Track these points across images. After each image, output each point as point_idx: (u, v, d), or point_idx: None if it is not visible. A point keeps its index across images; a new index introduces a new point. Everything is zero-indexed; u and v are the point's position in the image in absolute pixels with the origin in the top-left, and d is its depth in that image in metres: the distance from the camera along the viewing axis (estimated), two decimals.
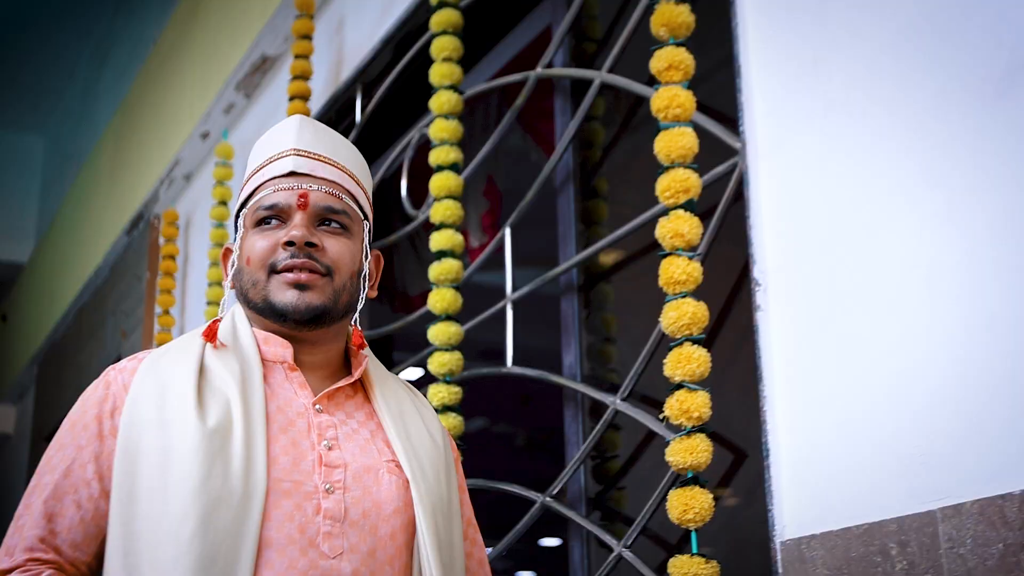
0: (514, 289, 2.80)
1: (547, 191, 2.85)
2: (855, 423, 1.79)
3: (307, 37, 3.79)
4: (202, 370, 1.50)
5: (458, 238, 2.71)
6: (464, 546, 1.61)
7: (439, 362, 2.62)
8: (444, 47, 2.85)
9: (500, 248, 2.89)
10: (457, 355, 2.63)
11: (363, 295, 1.59)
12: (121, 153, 6.38)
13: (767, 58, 2.10)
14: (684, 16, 2.17)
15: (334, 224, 1.57)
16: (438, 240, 2.71)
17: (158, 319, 4.90)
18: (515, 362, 2.73)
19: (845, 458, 1.80)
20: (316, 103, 3.84)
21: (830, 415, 1.84)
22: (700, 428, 1.97)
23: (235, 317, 1.58)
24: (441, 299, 2.66)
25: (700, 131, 2.17)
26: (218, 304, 4.25)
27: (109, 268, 6.22)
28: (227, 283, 1.60)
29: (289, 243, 1.53)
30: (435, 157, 2.76)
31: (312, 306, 1.52)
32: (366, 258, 1.61)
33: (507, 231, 2.87)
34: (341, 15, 3.91)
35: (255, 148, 1.65)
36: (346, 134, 3.80)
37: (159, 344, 4.77)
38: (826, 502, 1.82)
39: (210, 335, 1.54)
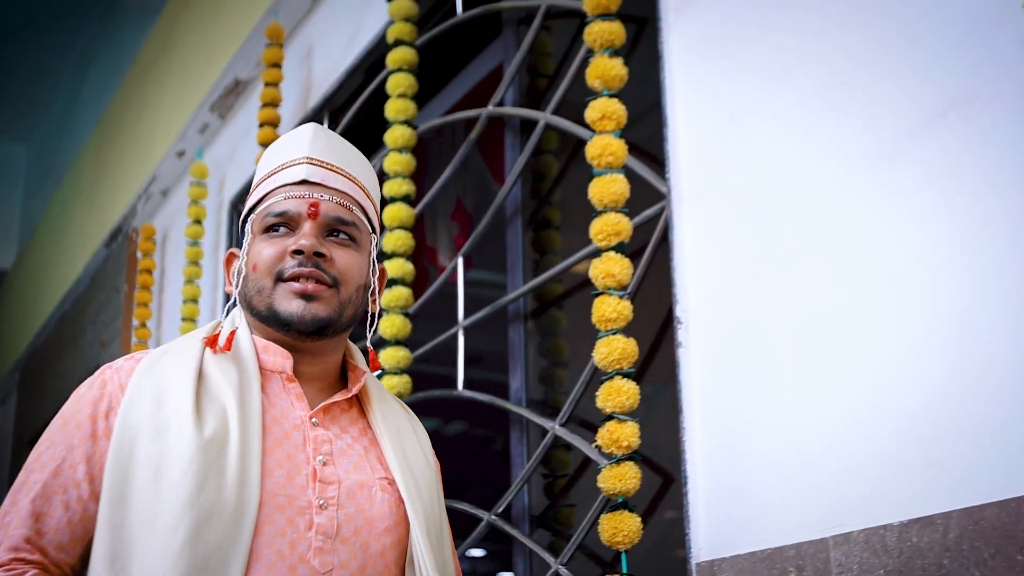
0: (465, 316, 2.95)
1: (501, 221, 3.00)
2: (763, 455, 1.95)
3: (277, 65, 3.94)
4: (200, 376, 1.48)
5: (408, 267, 2.85)
6: (448, 569, 1.59)
7: (388, 385, 2.77)
8: (399, 84, 3.00)
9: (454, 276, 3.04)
10: (405, 378, 2.79)
11: (372, 310, 1.59)
12: (102, 166, 6.51)
13: (692, 108, 2.25)
14: (617, 69, 2.32)
15: (343, 235, 1.55)
16: (389, 268, 2.85)
17: (135, 331, 5.04)
18: (466, 386, 2.89)
19: (754, 487, 1.95)
20: (285, 128, 3.98)
21: (742, 447, 2.00)
22: (629, 456, 2.12)
23: (235, 323, 1.57)
24: (391, 325, 2.81)
25: (633, 175, 2.32)
26: (194, 320, 4.40)
27: (89, 278, 6.35)
28: (229, 288, 1.58)
29: (297, 251, 1.51)
30: (388, 189, 2.91)
31: (317, 317, 1.50)
32: (373, 273, 1.60)
33: (460, 260, 3.02)
34: (310, 43, 4.05)
35: (266, 153, 1.62)
36: None
37: None
38: (736, 527, 1.97)
39: (212, 341, 1.52)
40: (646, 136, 2.50)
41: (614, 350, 2.18)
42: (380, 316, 3.86)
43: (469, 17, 3.10)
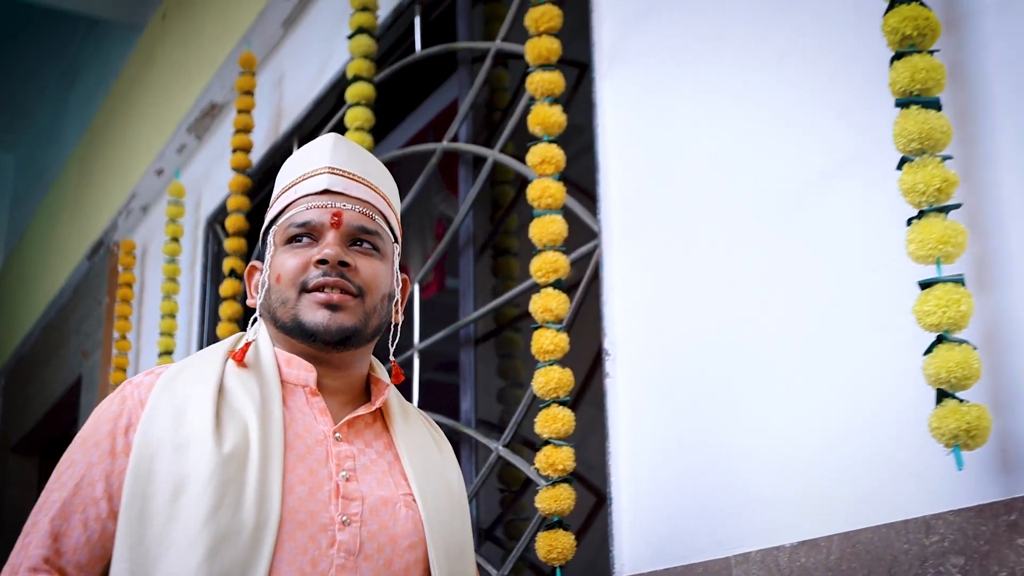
0: (421, 340, 3.14)
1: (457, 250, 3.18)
2: (680, 479, 2.13)
3: (249, 93, 4.11)
4: (221, 390, 1.46)
5: None
6: None
7: None
8: (357, 117, 3.17)
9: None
10: None
11: (396, 320, 1.58)
12: (85, 179, 6.67)
13: (623, 153, 2.43)
14: (556, 116, 2.50)
15: (366, 244, 1.54)
16: None
17: (115, 343, 5.20)
18: (421, 406, 3.06)
19: (671, 508, 2.13)
20: (257, 152, 4.15)
21: (662, 471, 2.18)
22: (565, 479, 2.30)
23: (257, 336, 1.55)
24: None
25: (571, 213, 2.50)
26: (171, 335, 4.56)
27: (72, 289, 6.51)
28: (251, 301, 1.57)
29: (322, 261, 1.49)
30: None
31: (343, 327, 1.49)
32: (397, 283, 1.59)
33: (416, 286, 3.20)
34: (281, 71, 4.22)
35: (287, 165, 1.61)
36: None
37: (116, 367, 5.09)
38: (654, 545, 2.15)
39: (239, 356, 1.50)
40: (586, 173, 2.68)
41: (551, 380, 2.36)
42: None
43: (427, 55, 3.28)
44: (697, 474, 2.09)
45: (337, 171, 1.55)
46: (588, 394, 2.64)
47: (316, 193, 1.54)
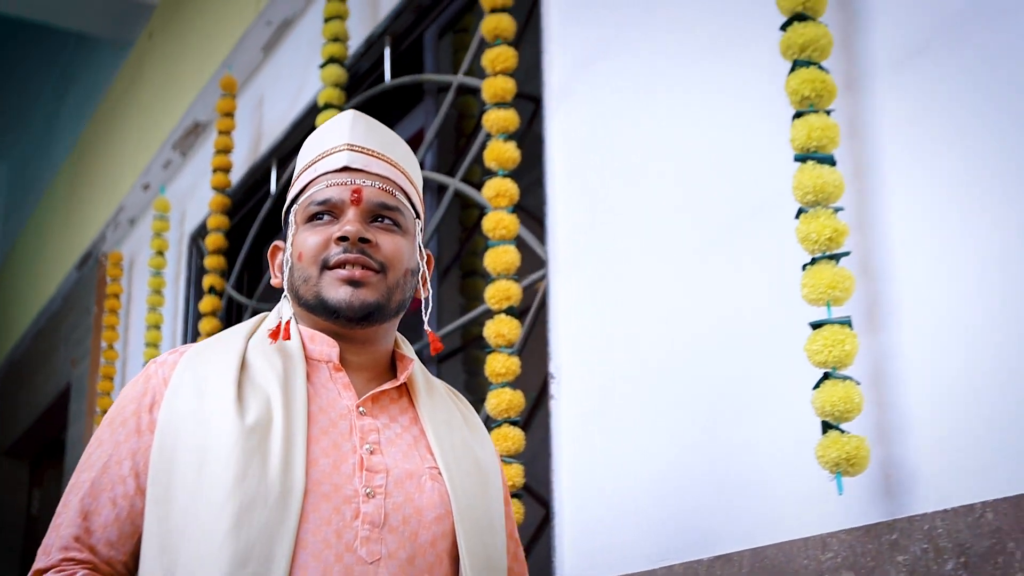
0: None
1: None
2: (616, 494, 2.29)
3: (229, 115, 4.27)
4: (244, 366, 1.46)
5: None
6: (507, 561, 1.57)
7: None
8: None
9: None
10: None
11: (424, 295, 1.58)
12: (75, 190, 6.82)
13: (570, 187, 2.59)
14: (510, 152, 2.67)
15: (387, 221, 1.53)
16: None
17: (103, 353, 5.36)
18: None
19: (607, 522, 2.30)
20: (237, 172, 4.31)
21: (600, 487, 2.34)
22: (515, 494, 2.46)
23: (281, 314, 1.55)
24: None
25: (523, 243, 2.67)
26: (156, 346, 4.72)
27: (62, 298, 6.66)
28: (276, 281, 1.59)
29: (342, 238, 1.49)
30: None
31: (366, 303, 1.48)
32: (421, 257, 1.59)
33: None
34: (261, 94, 4.38)
35: (307, 143, 1.62)
36: (261, 202, 4.29)
37: (104, 376, 5.25)
38: (592, 557, 2.31)
39: (276, 333, 1.50)
40: (541, 203, 2.84)
41: (503, 401, 2.53)
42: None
43: (395, 85, 3.44)
44: (631, 491, 2.25)
45: (356, 148, 1.55)
46: (539, 414, 2.80)
47: (336, 171, 1.54)
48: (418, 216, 1.60)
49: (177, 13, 5.32)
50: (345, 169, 1.54)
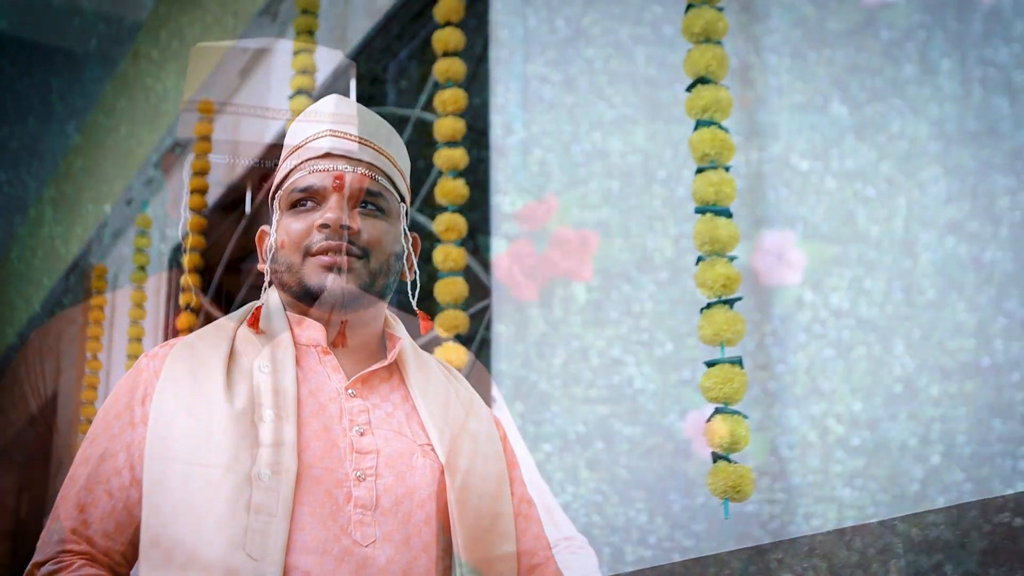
0: None
1: None
2: (547, 508, 2.46)
3: (206, 138, 4.42)
4: (232, 354, 1.48)
5: None
6: (518, 523, 1.56)
7: None
8: None
9: None
10: None
11: (410, 278, 1.57)
12: (64, 202, 6.98)
13: (508, 225, 2.77)
14: (460, 189, 2.85)
15: (370, 206, 1.52)
16: None
17: (87, 363, 5.52)
18: None
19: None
20: (213, 194, 4.48)
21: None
22: None
23: (269, 301, 1.56)
24: None
25: (471, 274, 2.85)
26: (137, 358, 4.89)
27: (50, 309, 6.81)
28: (262, 267, 1.58)
29: (324, 226, 1.49)
30: None
31: (347, 289, 1.48)
32: (407, 240, 1.57)
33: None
34: (238, 116, 4.54)
35: (292, 128, 1.60)
36: (238, 222, 4.46)
37: (88, 386, 5.41)
38: None
39: (253, 321, 1.52)
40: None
41: None
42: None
43: None
44: (564, 508, 2.43)
45: (339, 133, 1.54)
46: None
47: (318, 157, 1.53)
48: (403, 199, 1.59)
49: (161, 35, 5.49)
50: (327, 155, 1.53)
